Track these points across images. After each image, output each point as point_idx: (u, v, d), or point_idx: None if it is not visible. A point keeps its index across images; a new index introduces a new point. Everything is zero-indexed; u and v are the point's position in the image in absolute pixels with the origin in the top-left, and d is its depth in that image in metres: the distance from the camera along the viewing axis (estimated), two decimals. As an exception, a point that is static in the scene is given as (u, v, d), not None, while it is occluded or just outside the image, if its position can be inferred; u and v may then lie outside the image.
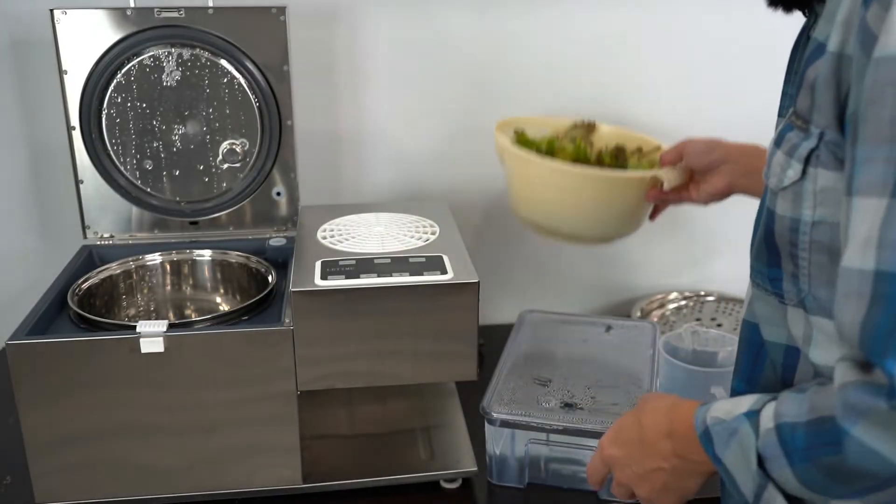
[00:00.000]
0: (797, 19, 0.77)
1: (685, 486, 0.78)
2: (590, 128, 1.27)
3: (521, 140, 1.22)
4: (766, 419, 0.67)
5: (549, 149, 1.20)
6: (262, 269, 1.19)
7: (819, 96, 0.64)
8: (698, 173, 1.14)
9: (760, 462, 0.67)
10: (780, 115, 0.76)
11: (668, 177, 1.12)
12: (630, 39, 1.46)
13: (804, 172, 0.67)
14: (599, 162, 1.18)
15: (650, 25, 1.46)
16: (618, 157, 1.18)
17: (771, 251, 0.72)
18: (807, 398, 0.64)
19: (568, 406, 1.09)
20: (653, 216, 1.21)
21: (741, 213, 1.20)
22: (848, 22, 0.61)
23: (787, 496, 0.68)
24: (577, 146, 1.19)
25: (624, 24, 1.45)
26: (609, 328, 1.29)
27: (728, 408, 0.71)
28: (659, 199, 1.17)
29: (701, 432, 0.72)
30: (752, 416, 0.68)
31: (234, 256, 1.23)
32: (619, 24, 1.44)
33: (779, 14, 0.78)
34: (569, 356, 1.22)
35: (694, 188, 1.15)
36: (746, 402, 0.70)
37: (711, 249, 1.61)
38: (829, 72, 0.63)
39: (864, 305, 0.56)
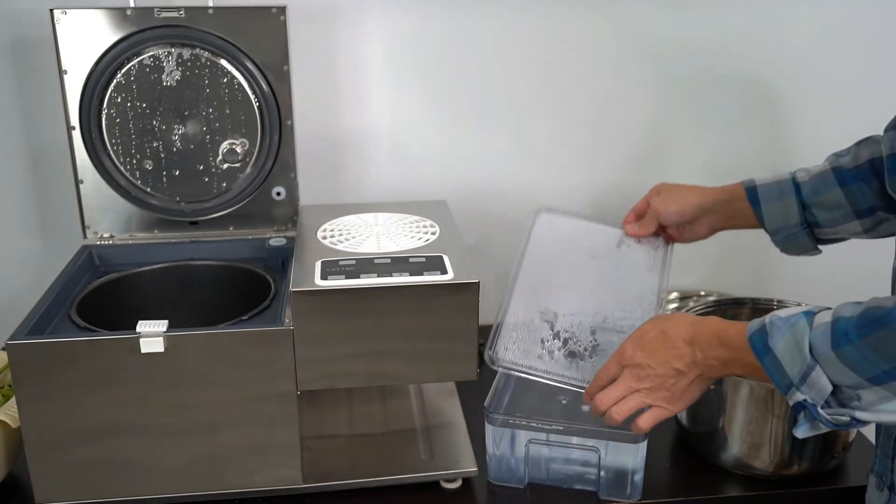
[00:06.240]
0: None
1: (692, 394, 0.92)
2: None
3: None
4: (823, 316, 0.79)
5: None
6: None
7: None
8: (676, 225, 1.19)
9: (811, 349, 0.78)
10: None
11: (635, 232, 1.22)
12: (631, 42, 1.46)
13: None
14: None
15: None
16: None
17: None
18: (864, 304, 0.76)
19: (571, 355, 1.06)
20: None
21: (741, 212, 1.20)
22: None
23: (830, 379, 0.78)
24: None
25: (623, 24, 1.45)
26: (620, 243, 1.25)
27: (788, 313, 0.81)
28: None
29: (755, 331, 0.83)
30: (809, 315, 0.80)
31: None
32: (613, 24, 1.45)
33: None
34: (576, 282, 1.17)
35: (675, 232, 1.21)
36: (805, 307, 0.82)
37: (712, 249, 1.61)
38: None
39: None
